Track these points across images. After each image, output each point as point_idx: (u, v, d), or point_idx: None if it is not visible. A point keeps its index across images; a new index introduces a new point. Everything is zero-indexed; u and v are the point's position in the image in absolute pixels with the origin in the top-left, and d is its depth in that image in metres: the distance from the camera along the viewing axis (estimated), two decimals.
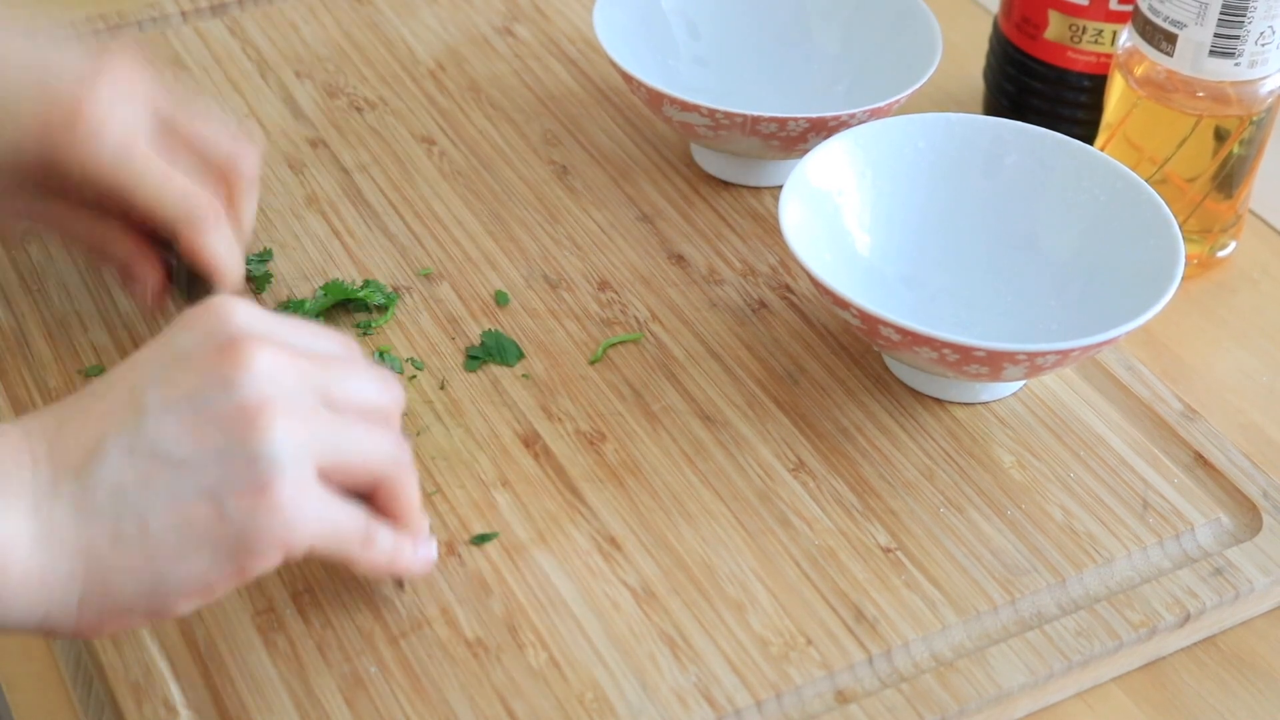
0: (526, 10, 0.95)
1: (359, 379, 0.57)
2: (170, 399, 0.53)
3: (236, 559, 0.53)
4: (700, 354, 0.73)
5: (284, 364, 0.55)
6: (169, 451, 0.53)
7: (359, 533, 0.57)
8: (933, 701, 0.60)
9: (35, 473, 0.53)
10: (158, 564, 0.53)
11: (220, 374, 0.53)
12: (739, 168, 0.83)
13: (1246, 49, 0.74)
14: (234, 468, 0.53)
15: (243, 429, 0.53)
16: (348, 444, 0.56)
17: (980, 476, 0.68)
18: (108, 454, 0.53)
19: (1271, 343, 0.78)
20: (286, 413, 0.53)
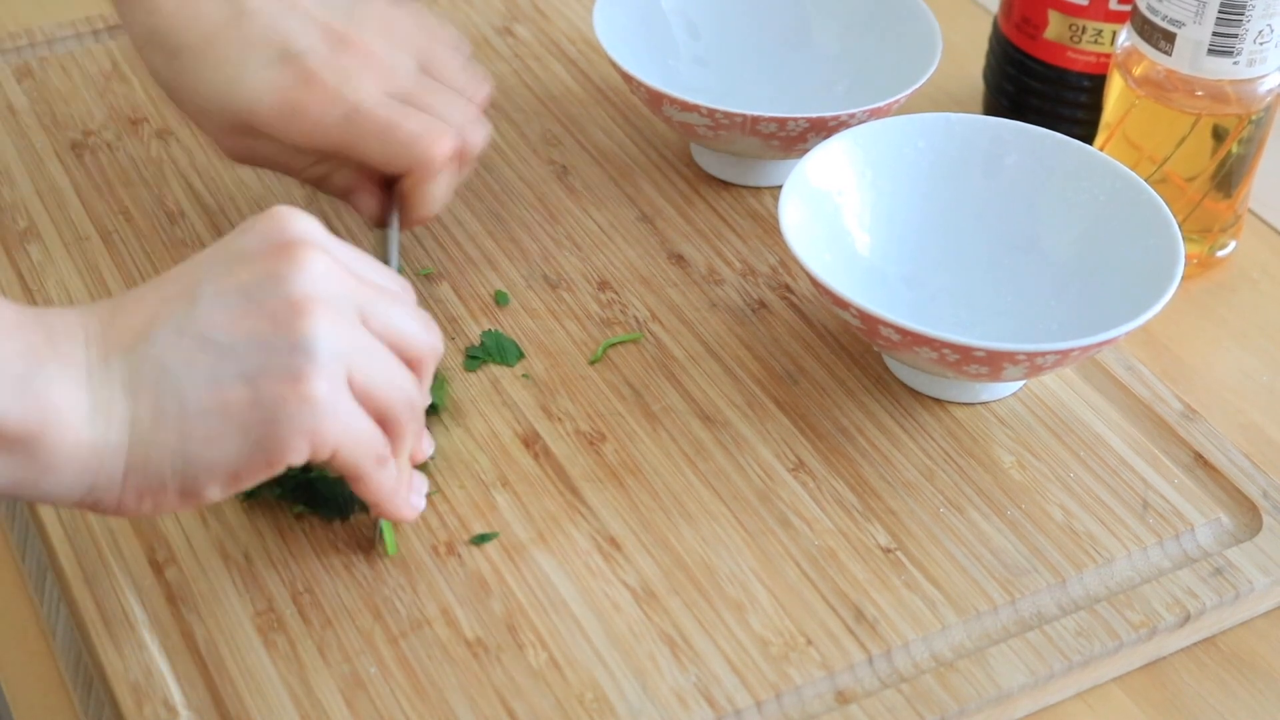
0: (526, 10, 0.95)
1: (402, 314, 0.59)
2: (223, 290, 0.55)
3: (266, 447, 0.55)
4: (700, 354, 0.73)
5: (335, 272, 0.57)
6: (214, 336, 0.55)
7: (377, 450, 0.58)
8: (933, 702, 0.60)
9: (88, 349, 0.54)
10: (192, 444, 0.54)
11: (274, 269, 0.56)
12: (739, 168, 0.83)
13: (1245, 48, 0.74)
14: (273, 356, 0.54)
15: (286, 321, 0.55)
16: (376, 370, 0.57)
17: (980, 476, 0.68)
18: (157, 334, 0.55)
19: (1271, 343, 0.78)
20: (329, 315, 0.56)
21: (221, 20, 0.68)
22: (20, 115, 0.86)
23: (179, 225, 0.79)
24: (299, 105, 0.68)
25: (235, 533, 0.64)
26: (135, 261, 0.77)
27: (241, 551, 0.64)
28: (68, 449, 0.53)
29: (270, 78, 0.68)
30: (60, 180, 0.81)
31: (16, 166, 0.82)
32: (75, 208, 0.80)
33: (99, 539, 0.64)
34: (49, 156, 0.83)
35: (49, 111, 0.86)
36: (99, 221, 0.79)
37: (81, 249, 0.77)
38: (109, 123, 0.85)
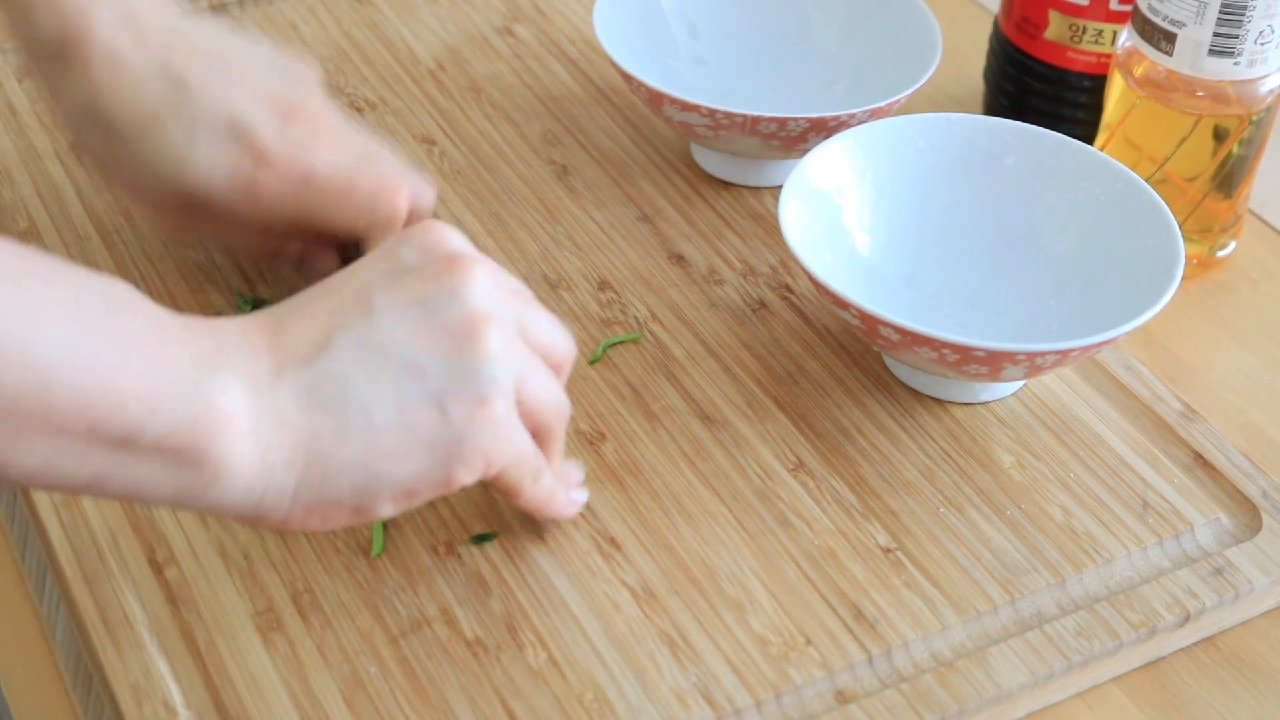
0: (526, 10, 0.95)
1: (548, 321, 0.61)
2: (399, 303, 0.56)
3: (448, 465, 0.56)
4: (700, 354, 0.73)
5: (497, 287, 0.58)
6: (398, 351, 0.55)
7: (534, 465, 0.60)
8: (933, 701, 0.60)
9: (257, 360, 0.54)
10: (377, 460, 0.55)
11: (448, 284, 0.56)
12: (739, 168, 0.83)
13: (1246, 48, 0.74)
14: (459, 376, 0.55)
15: (468, 340, 0.56)
16: (536, 382, 0.59)
17: (980, 476, 0.68)
18: (337, 346, 0.55)
19: (1271, 342, 0.78)
20: (503, 330, 0.57)
21: (163, 96, 0.67)
22: (20, 115, 0.86)
23: None
24: (251, 180, 0.67)
25: (235, 533, 0.64)
26: (135, 262, 0.77)
27: (241, 551, 0.64)
28: (237, 460, 0.52)
29: (219, 155, 0.67)
30: (60, 180, 0.81)
31: (16, 166, 0.82)
32: (75, 208, 0.80)
33: (99, 539, 0.64)
34: (49, 156, 0.83)
35: (49, 111, 0.86)
36: (99, 221, 0.79)
37: (81, 249, 0.77)
38: None
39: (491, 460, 0.57)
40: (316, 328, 0.55)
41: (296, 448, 0.54)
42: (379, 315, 0.56)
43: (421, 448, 0.55)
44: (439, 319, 0.56)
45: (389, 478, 0.55)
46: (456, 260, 0.57)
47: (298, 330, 0.55)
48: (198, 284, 0.76)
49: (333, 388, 0.54)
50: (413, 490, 0.56)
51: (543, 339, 0.60)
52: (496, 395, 0.56)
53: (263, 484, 0.53)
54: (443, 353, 0.55)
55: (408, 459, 0.55)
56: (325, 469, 0.54)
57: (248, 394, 0.53)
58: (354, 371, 0.54)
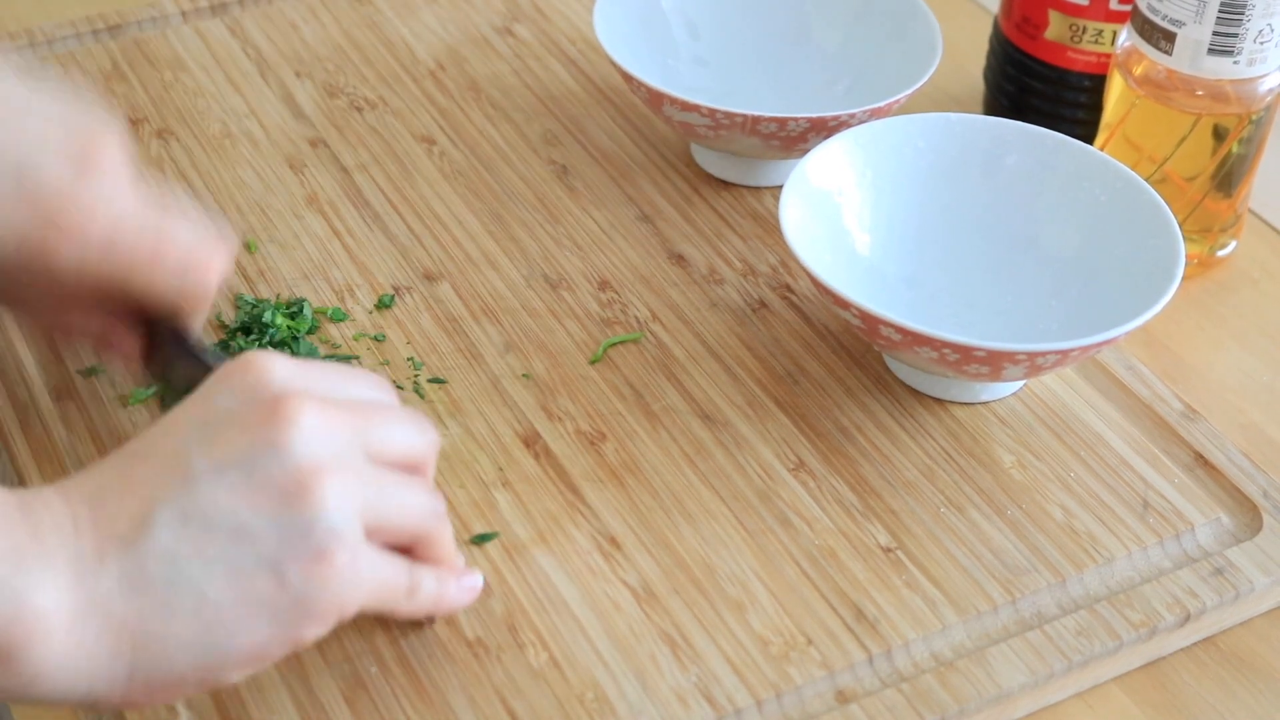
0: (526, 10, 0.95)
1: (398, 427, 0.57)
2: (219, 463, 0.52)
3: (294, 627, 0.53)
4: (700, 354, 0.73)
5: (329, 421, 0.54)
6: (223, 520, 0.52)
7: (404, 586, 0.57)
8: (933, 701, 0.60)
9: (79, 542, 0.51)
10: (214, 634, 0.52)
11: (268, 436, 0.52)
12: (739, 168, 0.83)
13: (1245, 47, 0.74)
14: (292, 536, 0.52)
15: (297, 496, 0.52)
16: (391, 504, 0.55)
17: (980, 476, 0.68)
18: (158, 523, 0.51)
19: (1271, 342, 0.78)
20: (337, 475, 0.53)
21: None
22: None
23: None
24: (47, 247, 0.59)
25: None
26: None
27: None
28: (55, 659, 0.50)
29: (6, 215, 0.59)
30: None
31: None
32: None
33: None
34: None
35: None
36: None
37: None
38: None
39: (345, 608, 0.54)
40: (136, 500, 0.52)
41: (121, 634, 0.51)
42: (198, 481, 0.52)
43: (262, 615, 0.52)
44: (262, 477, 0.52)
45: (230, 650, 0.52)
46: (278, 404, 0.53)
47: (116, 503, 0.52)
48: None
49: (158, 568, 0.51)
50: (260, 656, 0.53)
51: (396, 448, 0.56)
52: (337, 546, 0.52)
53: (88, 675, 0.51)
54: (272, 514, 0.52)
55: (249, 629, 0.52)
56: (159, 650, 0.51)
57: (64, 588, 0.50)
58: (179, 548, 0.51)
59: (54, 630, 0.50)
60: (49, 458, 0.67)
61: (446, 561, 0.59)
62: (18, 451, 0.67)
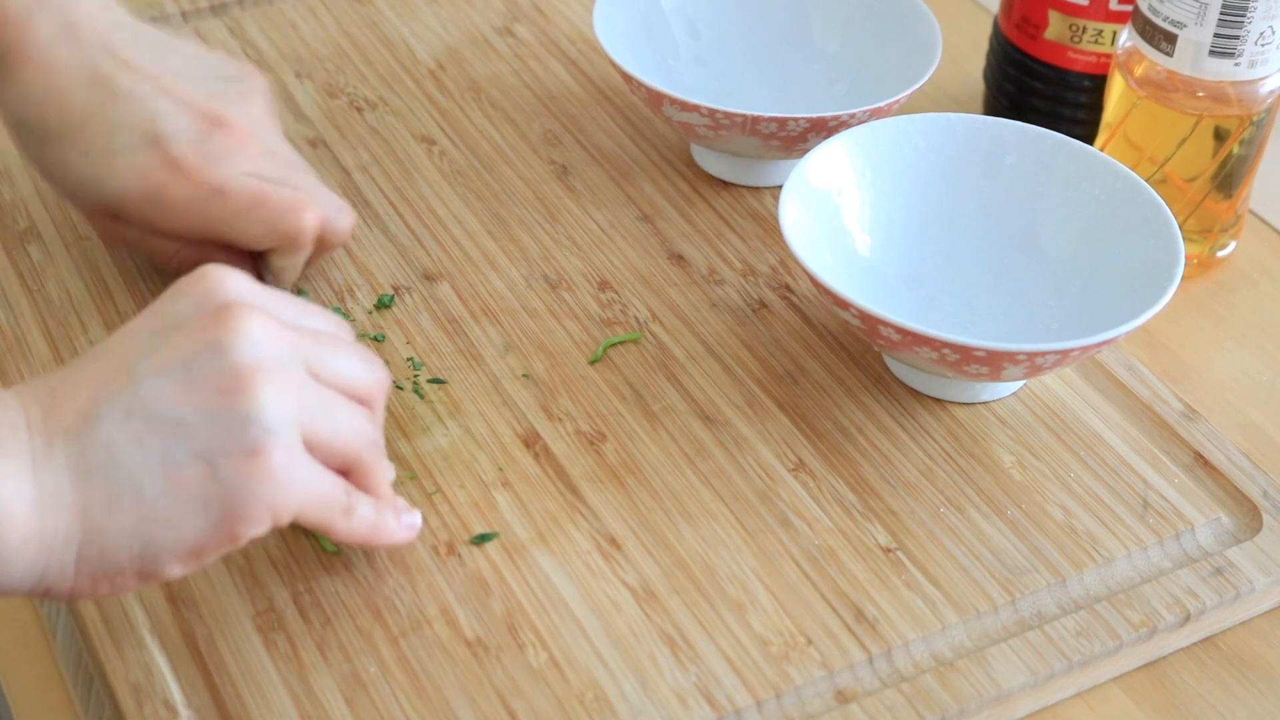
0: (526, 10, 0.95)
1: (346, 357, 0.59)
2: (163, 363, 0.54)
3: (226, 522, 0.54)
4: (700, 354, 0.73)
5: (274, 332, 0.56)
6: (162, 413, 0.53)
7: (341, 502, 0.57)
8: (933, 701, 0.60)
9: (30, 436, 0.53)
10: (150, 525, 0.53)
11: (212, 338, 0.54)
12: (739, 168, 0.83)
13: (1246, 49, 0.74)
14: (226, 431, 0.54)
15: (234, 392, 0.54)
16: (329, 421, 0.57)
17: (980, 476, 0.68)
18: (102, 417, 0.53)
19: (1271, 342, 0.78)
20: (276, 379, 0.55)
21: (89, 103, 0.67)
22: None
23: None
24: (162, 191, 0.67)
25: None
26: (135, 262, 0.77)
27: (241, 551, 0.64)
28: (14, 544, 0.52)
29: (136, 163, 0.67)
30: None
31: (17, 166, 0.82)
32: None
33: None
34: None
35: None
36: None
37: (81, 249, 0.77)
38: None
39: (278, 510, 0.55)
40: (85, 396, 0.54)
41: (72, 521, 0.53)
42: (142, 380, 0.54)
43: (195, 508, 0.54)
44: (202, 375, 0.54)
45: (167, 542, 0.54)
46: (225, 310, 0.55)
47: (69, 400, 0.54)
48: None
49: (99, 458, 0.53)
50: (197, 550, 0.54)
51: (341, 375, 0.58)
52: (272, 445, 0.54)
53: (43, 562, 0.53)
54: (209, 409, 0.53)
55: (183, 522, 0.54)
56: (101, 540, 0.53)
57: (20, 477, 0.52)
58: (119, 439, 0.53)
59: (14, 515, 0.52)
60: None
61: (378, 494, 0.60)
62: None
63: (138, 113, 0.68)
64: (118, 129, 0.68)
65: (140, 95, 0.68)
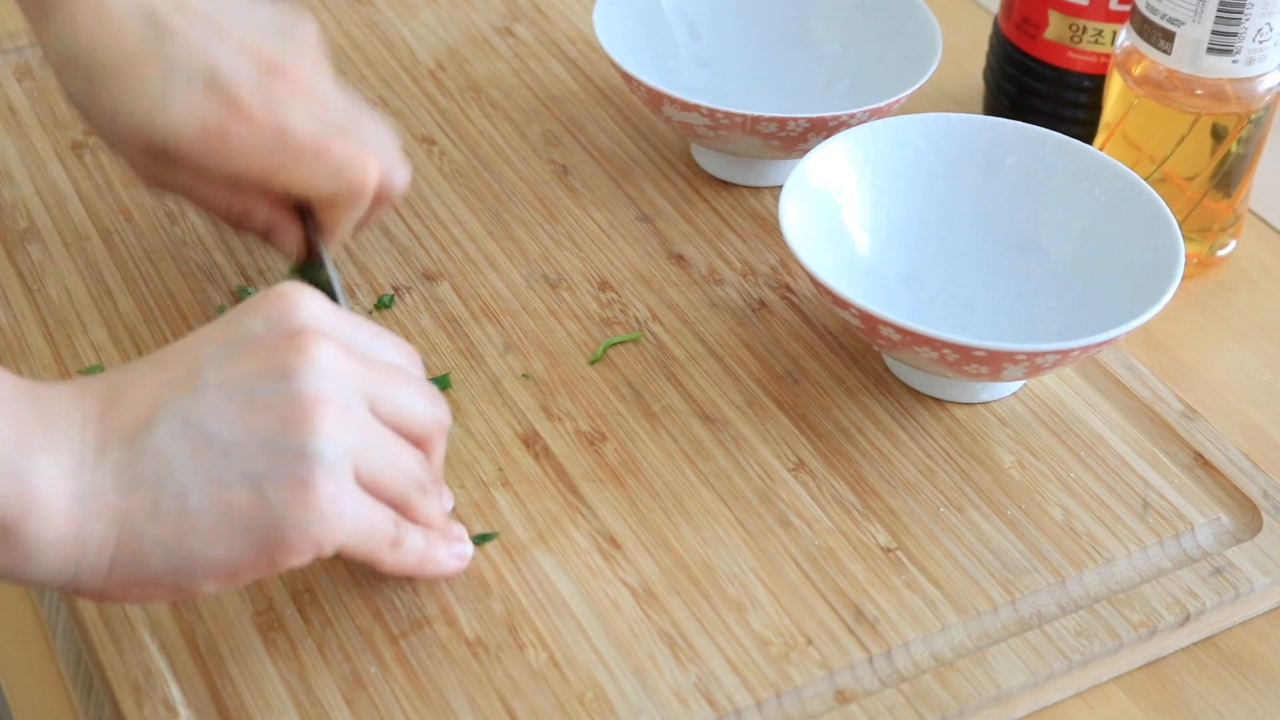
0: (526, 10, 0.96)
1: (410, 393, 0.58)
2: (228, 380, 0.54)
3: (268, 549, 0.54)
4: (700, 354, 0.73)
5: (343, 363, 0.55)
6: (219, 432, 0.53)
7: (389, 536, 0.57)
8: (933, 701, 0.60)
9: (84, 433, 0.53)
10: (190, 541, 0.53)
11: (281, 362, 0.54)
12: (739, 168, 0.83)
13: (1244, 46, 0.74)
14: (280, 458, 0.53)
15: (294, 422, 0.53)
16: (382, 458, 0.56)
17: (980, 476, 0.68)
18: (158, 425, 0.53)
19: (1271, 342, 0.78)
20: (337, 412, 0.54)
21: (144, 42, 0.65)
22: (20, 115, 0.86)
23: (179, 225, 0.79)
24: (223, 133, 0.65)
25: None
26: (135, 261, 0.77)
27: None
28: (49, 539, 0.52)
29: (194, 104, 0.65)
30: (60, 180, 0.81)
31: (16, 166, 0.82)
32: (75, 208, 0.80)
33: None
34: (49, 156, 0.83)
35: (49, 111, 0.86)
36: (99, 221, 0.79)
37: (81, 249, 0.77)
38: None
39: (323, 544, 0.54)
40: (145, 402, 0.54)
41: (110, 526, 0.52)
42: (206, 392, 0.53)
43: (238, 531, 0.53)
44: (265, 398, 0.53)
45: (204, 559, 0.53)
46: (299, 336, 0.55)
47: (127, 403, 0.54)
48: (197, 283, 0.76)
49: (151, 466, 0.53)
50: (234, 572, 0.54)
51: (402, 414, 0.57)
52: (322, 476, 0.53)
53: (75, 561, 0.52)
54: (266, 434, 0.53)
55: (223, 542, 0.53)
56: (138, 548, 0.53)
57: (67, 473, 0.52)
58: (173, 450, 0.53)
59: (52, 513, 0.51)
60: None
61: (434, 528, 0.60)
62: None
63: (196, 53, 0.65)
64: (175, 68, 0.65)
65: (197, 36, 0.66)
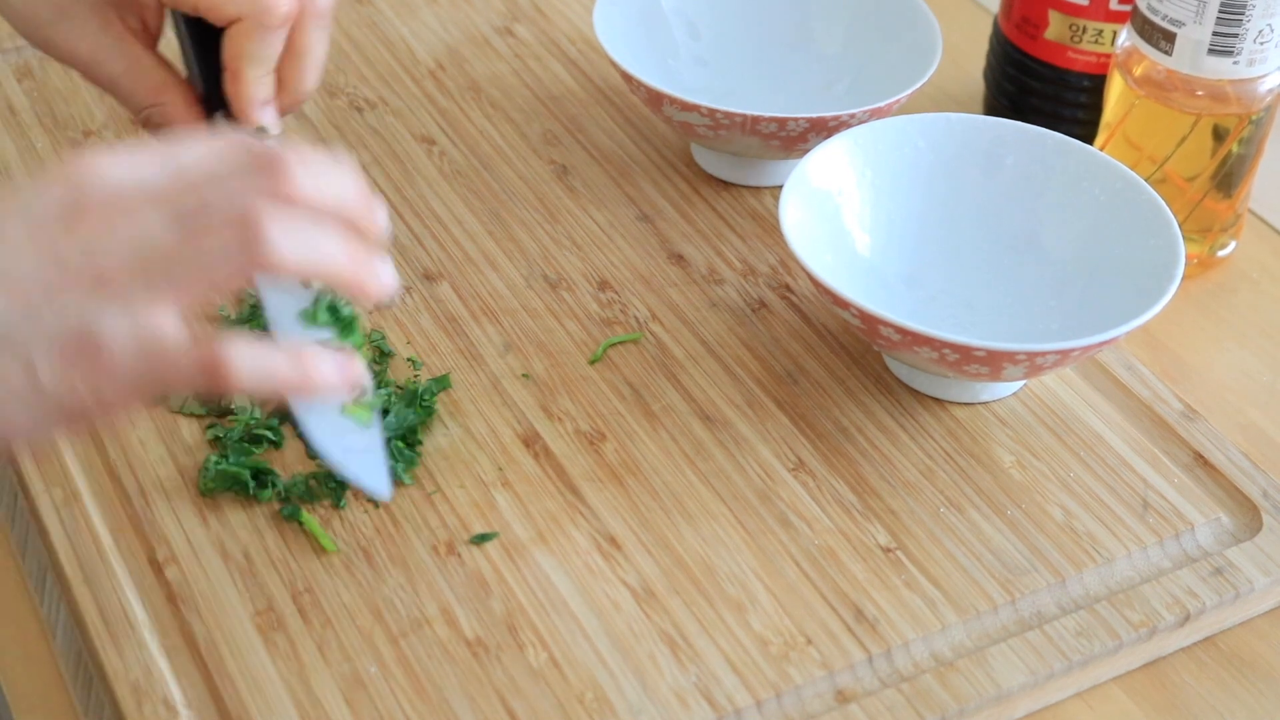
0: (526, 10, 0.96)
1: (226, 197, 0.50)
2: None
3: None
4: (700, 354, 0.73)
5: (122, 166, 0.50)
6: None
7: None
8: (933, 701, 0.60)
9: None
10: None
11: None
12: (739, 168, 0.83)
13: (1245, 47, 0.74)
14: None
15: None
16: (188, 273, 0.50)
17: (980, 476, 0.68)
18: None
19: (1271, 342, 0.78)
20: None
21: None
22: (20, 115, 0.86)
23: None
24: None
25: (235, 532, 0.64)
26: None
27: (241, 551, 0.64)
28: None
29: None
30: None
31: (16, 166, 0.82)
32: None
33: (99, 538, 0.64)
34: (49, 156, 0.83)
35: (49, 111, 0.86)
36: None
37: None
38: (109, 123, 0.85)
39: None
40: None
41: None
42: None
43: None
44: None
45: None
46: (75, 211, 0.49)
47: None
48: None
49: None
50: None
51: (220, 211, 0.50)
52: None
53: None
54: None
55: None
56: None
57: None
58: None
59: None
60: (49, 459, 0.67)
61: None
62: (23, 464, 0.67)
63: None
64: None
65: None
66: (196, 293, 0.50)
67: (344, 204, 0.52)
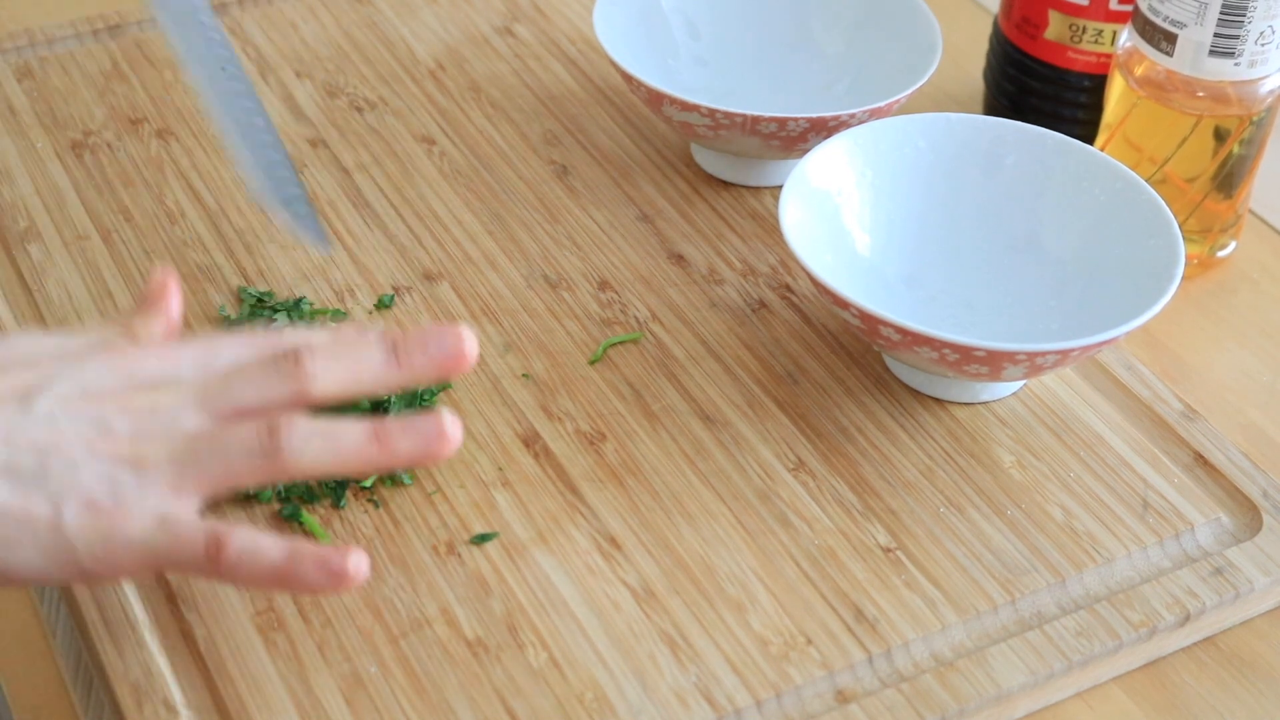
0: (526, 10, 0.96)
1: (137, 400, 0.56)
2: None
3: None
4: (700, 354, 0.73)
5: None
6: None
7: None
8: (933, 701, 0.60)
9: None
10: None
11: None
12: (739, 168, 0.83)
13: (1246, 49, 0.74)
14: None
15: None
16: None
17: (980, 476, 0.68)
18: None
19: (1271, 342, 0.78)
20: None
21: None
22: (20, 115, 0.86)
23: (179, 225, 0.79)
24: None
25: None
26: (135, 261, 0.77)
27: None
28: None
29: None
30: (60, 180, 0.81)
31: (16, 166, 0.82)
32: (75, 208, 0.80)
33: None
34: (49, 156, 0.83)
35: (49, 111, 0.86)
36: (99, 221, 0.79)
37: (81, 249, 0.77)
38: (109, 122, 0.85)
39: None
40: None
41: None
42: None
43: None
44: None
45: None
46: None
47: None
48: (197, 283, 0.76)
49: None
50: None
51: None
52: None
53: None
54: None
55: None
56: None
57: None
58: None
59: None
60: None
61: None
62: None
63: None
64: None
65: None
66: (218, 486, 0.55)
67: (365, 386, 0.58)
